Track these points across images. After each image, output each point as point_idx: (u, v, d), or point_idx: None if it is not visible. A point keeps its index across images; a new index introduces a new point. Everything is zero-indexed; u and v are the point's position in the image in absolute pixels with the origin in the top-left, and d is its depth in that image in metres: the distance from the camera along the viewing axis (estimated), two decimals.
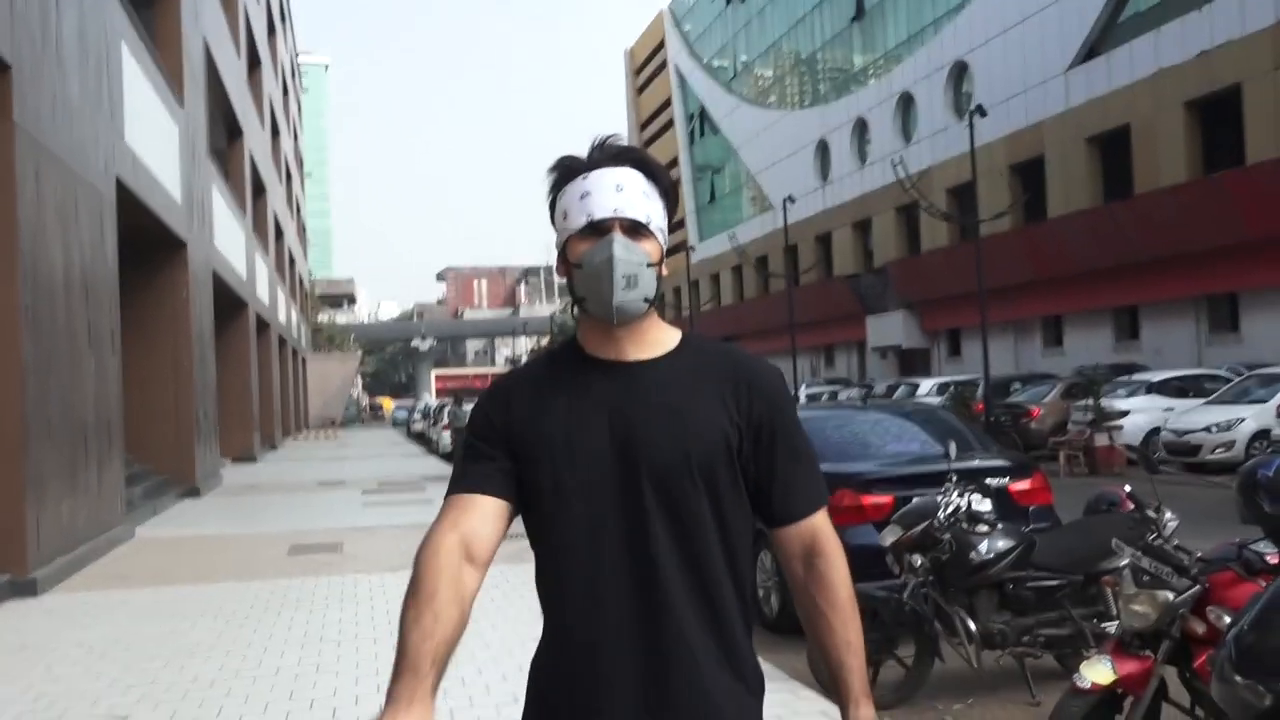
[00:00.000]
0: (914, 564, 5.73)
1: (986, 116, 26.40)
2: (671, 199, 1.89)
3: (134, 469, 15.58)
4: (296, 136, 57.70)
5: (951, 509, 5.70)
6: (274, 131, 39.86)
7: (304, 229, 62.50)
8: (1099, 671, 4.10)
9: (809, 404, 25.39)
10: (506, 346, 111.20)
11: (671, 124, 73.84)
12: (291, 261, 47.46)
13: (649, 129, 79.17)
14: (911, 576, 5.74)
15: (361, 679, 6.18)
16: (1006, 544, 5.68)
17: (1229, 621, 3.57)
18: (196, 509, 16.65)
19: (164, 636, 7.57)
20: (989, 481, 6.49)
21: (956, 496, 5.77)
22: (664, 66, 74.42)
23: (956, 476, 6.03)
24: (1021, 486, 7.54)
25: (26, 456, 9.45)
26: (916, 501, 6.01)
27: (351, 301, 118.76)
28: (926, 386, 29.70)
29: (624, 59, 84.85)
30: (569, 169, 1.87)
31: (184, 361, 18.12)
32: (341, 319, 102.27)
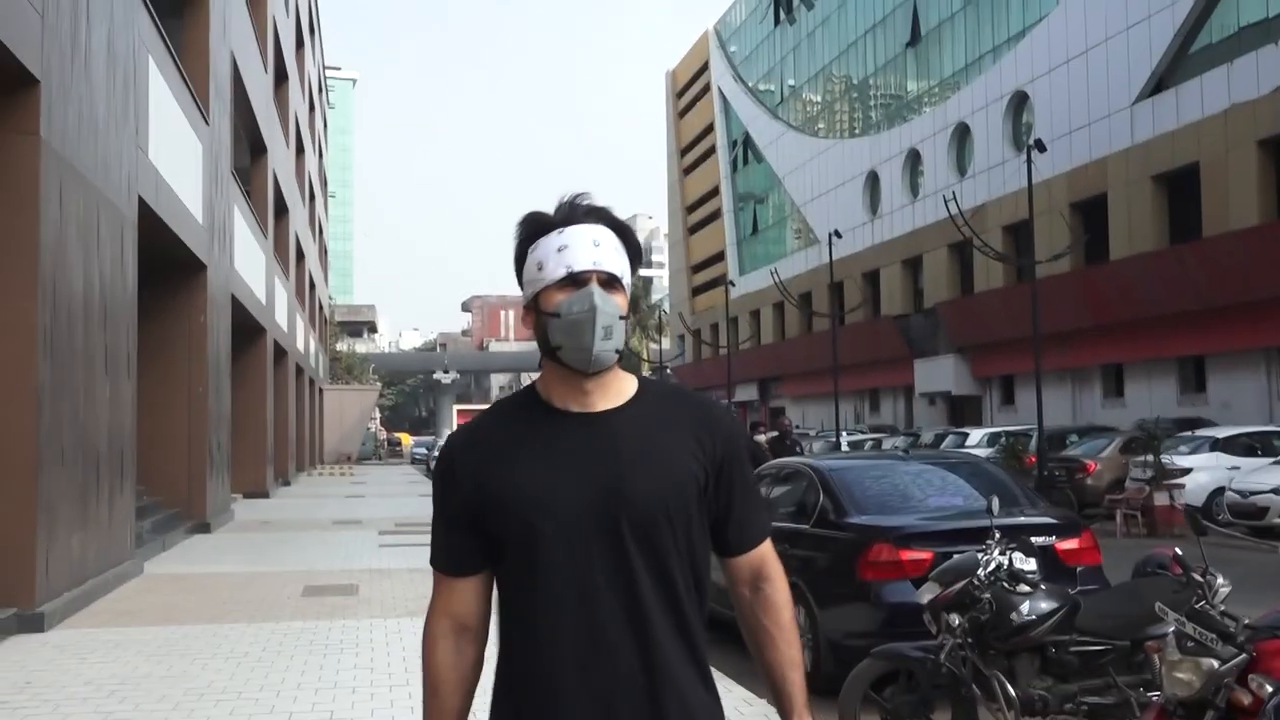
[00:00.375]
0: (952, 624, 5.81)
1: (1045, 152, 26.48)
2: (638, 260, 2.10)
3: (144, 501, 15.82)
4: (321, 155, 58.42)
5: (993, 566, 5.78)
6: (298, 149, 40.38)
7: (325, 252, 63.16)
8: None
9: (849, 453, 25.31)
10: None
11: (713, 150, 74.12)
12: (312, 286, 47.95)
13: (689, 155, 79.46)
14: (949, 637, 5.82)
15: None
16: (1050, 605, 5.73)
17: (1269, 691, 3.67)
18: (207, 545, 16.91)
19: (174, 677, 7.76)
20: (1034, 539, 6.57)
21: (998, 554, 5.86)
22: (707, 89, 74.78)
23: (1000, 533, 6.13)
24: (1069, 545, 7.61)
25: (39, 484, 9.61)
26: (956, 558, 6.09)
27: (372, 330, 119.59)
28: (976, 436, 29.63)
29: (665, 81, 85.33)
30: (543, 224, 2.06)
31: (199, 390, 18.38)
32: (361, 348, 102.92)
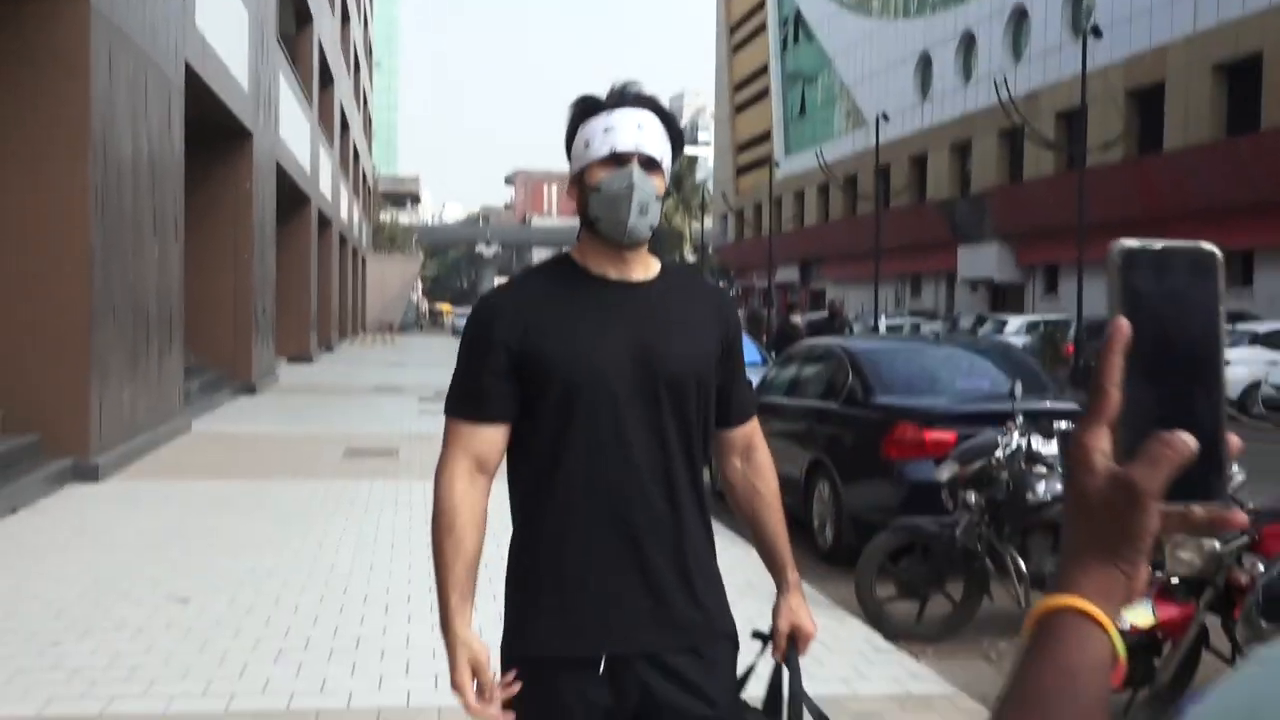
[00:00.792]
0: (969, 501, 6.01)
1: (1103, 38, 25.90)
2: (679, 147, 2.26)
3: (191, 362, 16.24)
4: (367, 24, 57.92)
5: (1011, 448, 5.95)
6: (344, 18, 40.12)
7: (370, 123, 63.00)
8: (1139, 614, 4.37)
9: (885, 335, 25.31)
10: None
11: (764, 28, 72.79)
12: (356, 156, 48.00)
13: (739, 31, 78.14)
14: (966, 513, 6.03)
15: (414, 580, 6.64)
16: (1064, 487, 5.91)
17: (1262, 570, 3.83)
18: (252, 406, 17.37)
19: (221, 529, 8.12)
20: (1057, 424, 6.70)
21: (1018, 436, 6.02)
22: None
23: (1022, 417, 6.28)
24: None
25: (92, 341, 9.96)
26: (976, 438, 6.26)
27: (415, 201, 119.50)
28: (1015, 324, 29.59)
29: None
30: (593, 106, 2.20)
31: (244, 256, 18.68)
32: (404, 219, 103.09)
